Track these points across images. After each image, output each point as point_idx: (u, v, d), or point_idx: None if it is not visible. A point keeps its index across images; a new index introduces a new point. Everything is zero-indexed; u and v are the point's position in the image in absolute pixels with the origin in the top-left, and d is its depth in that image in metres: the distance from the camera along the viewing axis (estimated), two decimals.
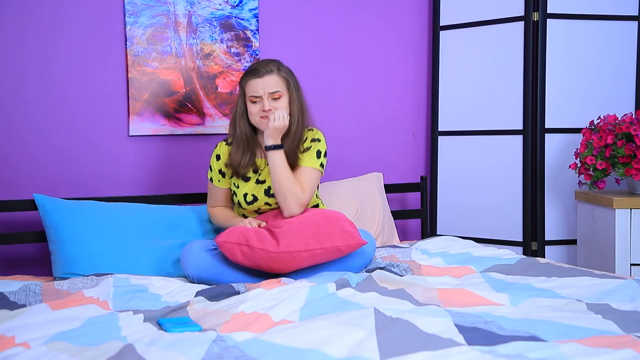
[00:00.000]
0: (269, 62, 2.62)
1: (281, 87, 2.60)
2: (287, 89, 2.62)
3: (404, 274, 2.44)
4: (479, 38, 3.40)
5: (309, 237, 2.33)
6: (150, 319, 1.88)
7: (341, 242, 2.34)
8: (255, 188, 2.67)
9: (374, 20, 3.49)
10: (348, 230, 2.38)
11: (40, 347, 1.60)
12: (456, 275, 2.42)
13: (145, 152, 3.14)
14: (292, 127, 2.61)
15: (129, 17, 3.06)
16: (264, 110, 2.57)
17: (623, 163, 2.89)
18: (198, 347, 1.58)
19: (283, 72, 2.62)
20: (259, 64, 2.63)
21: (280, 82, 2.60)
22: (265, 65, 2.60)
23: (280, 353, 1.56)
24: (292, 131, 2.61)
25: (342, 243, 2.35)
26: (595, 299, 2.04)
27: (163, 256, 2.66)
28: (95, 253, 2.60)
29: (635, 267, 2.85)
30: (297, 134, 2.63)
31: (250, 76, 2.60)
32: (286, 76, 2.63)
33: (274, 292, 2.10)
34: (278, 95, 2.59)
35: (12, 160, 2.96)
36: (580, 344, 1.58)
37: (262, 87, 2.57)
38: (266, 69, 2.58)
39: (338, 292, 2.11)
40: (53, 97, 3.00)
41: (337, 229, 2.37)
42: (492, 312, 1.89)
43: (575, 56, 3.28)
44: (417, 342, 1.61)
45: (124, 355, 1.51)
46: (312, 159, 2.63)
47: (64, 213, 2.67)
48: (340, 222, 2.40)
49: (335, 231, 2.36)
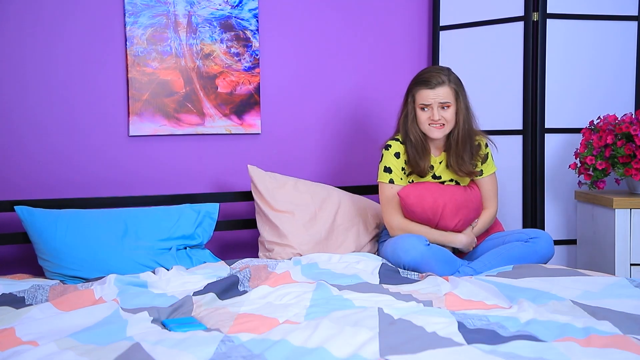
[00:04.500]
0: (440, 72, 2.76)
1: (450, 98, 2.75)
2: (456, 100, 2.77)
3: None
4: (479, 38, 3.40)
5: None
6: (157, 318, 1.88)
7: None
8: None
9: (373, 20, 3.49)
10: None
11: (49, 345, 1.60)
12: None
13: (145, 152, 3.14)
14: (459, 136, 2.78)
15: (129, 17, 3.06)
16: (432, 119, 2.73)
17: (623, 163, 2.89)
18: (206, 346, 1.58)
19: (453, 84, 2.76)
20: (430, 74, 2.76)
21: (450, 93, 2.75)
22: (436, 76, 2.74)
23: (286, 352, 1.56)
24: (462, 140, 2.79)
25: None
26: (591, 299, 2.05)
27: (163, 256, 2.66)
28: (87, 259, 2.61)
29: (635, 267, 2.85)
30: (465, 141, 2.80)
31: (423, 86, 2.74)
32: (455, 87, 2.77)
33: (280, 293, 2.10)
34: (447, 105, 2.74)
35: (12, 160, 2.95)
36: (579, 344, 1.59)
37: (433, 98, 2.73)
38: (437, 80, 2.73)
39: (342, 293, 2.12)
40: (53, 97, 3.00)
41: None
42: (493, 314, 1.90)
43: (575, 56, 3.29)
44: (421, 342, 1.62)
45: (132, 354, 1.52)
46: (491, 165, 2.91)
47: (45, 224, 2.65)
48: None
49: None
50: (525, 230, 2.80)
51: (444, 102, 2.74)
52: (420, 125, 2.79)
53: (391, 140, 2.87)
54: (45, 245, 2.62)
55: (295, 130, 3.37)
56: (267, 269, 2.47)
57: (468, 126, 2.81)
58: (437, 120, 2.74)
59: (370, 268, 2.54)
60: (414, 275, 2.50)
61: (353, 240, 2.96)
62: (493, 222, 2.95)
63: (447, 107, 2.75)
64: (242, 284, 2.28)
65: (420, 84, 2.76)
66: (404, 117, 2.82)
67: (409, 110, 2.80)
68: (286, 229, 2.89)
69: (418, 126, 2.79)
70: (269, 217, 2.93)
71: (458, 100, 2.78)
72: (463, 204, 2.78)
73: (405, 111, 2.82)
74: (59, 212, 2.72)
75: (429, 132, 2.78)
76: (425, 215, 2.74)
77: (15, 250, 2.97)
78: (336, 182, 3.39)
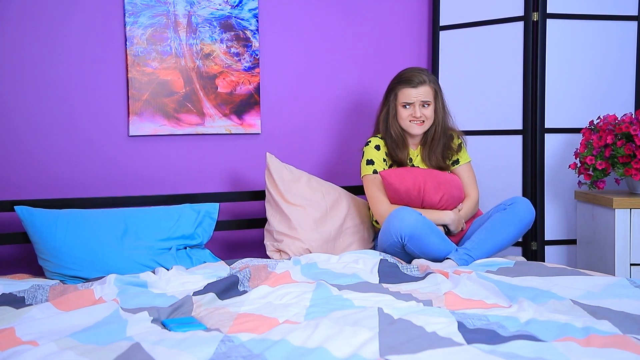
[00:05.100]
0: (421, 72, 2.95)
1: (430, 97, 2.94)
2: (435, 98, 2.96)
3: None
4: (479, 38, 3.40)
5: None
6: (157, 318, 1.88)
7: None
8: None
9: (373, 20, 3.49)
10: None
11: (49, 345, 1.60)
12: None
13: (145, 152, 3.14)
14: (435, 132, 2.97)
15: (129, 17, 3.06)
16: (414, 116, 2.92)
17: (623, 163, 2.89)
18: (206, 346, 1.58)
19: (432, 83, 2.96)
20: (411, 73, 2.95)
21: (430, 92, 2.94)
22: (418, 76, 2.93)
23: (286, 352, 1.56)
24: (437, 136, 2.98)
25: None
26: (591, 299, 2.05)
27: (163, 256, 2.66)
28: (87, 259, 2.61)
29: (635, 267, 2.85)
30: (439, 137, 2.98)
31: (406, 85, 2.93)
32: (435, 87, 2.96)
33: (280, 292, 2.10)
34: (428, 103, 2.93)
35: (12, 160, 2.95)
36: (578, 343, 1.59)
37: (416, 96, 2.91)
38: (419, 79, 2.92)
39: (342, 293, 2.12)
40: (53, 97, 3.00)
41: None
42: (493, 313, 1.90)
43: (575, 56, 3.29)
44: (421, 341, 1.62)
45: (132, 354, 1.52)
46: (466, 155, 3.07)
47: (45, 224, 2.66)
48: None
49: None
50: (504, 201, 2.88)
51: (425, 100, 2.92)
52: (400, 122, 2.96)
53: (370, 138, 3.02)
54: (45, 245, 2.62)
55: (295, 130, 3.38)
56: (266, 268, 2.47)
57: (444, 123, 2.99)
58: (418, 117, 2.92)
59: (369, 266, 2.54)
60: (414, 271, 2.50)
61: (358, 245, 3.01)
62: (476, 209, 3.03)
63: (428, 105, 2.93)
64: (242, 283, 2.28)
65: (403, 82, 2.93)
66: (385, 114, 2.99)
67: (390, 108, 2.97)
68: (297, 222, 2.92)
69: (398, 122, 2.96)
70: (282, 207, 2.96)
71: (437, 99, 2.96)
72: (442, 180, 2.89)
73: (385, 108, 2.99)
74: (59, 212, 2.72)
75: (409, 129, 2.95)
76: (410, 194, 2.83)
77: (15, 250, 2.97)
78: (336, 181, 3.39)
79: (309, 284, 2.28)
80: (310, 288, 2.19)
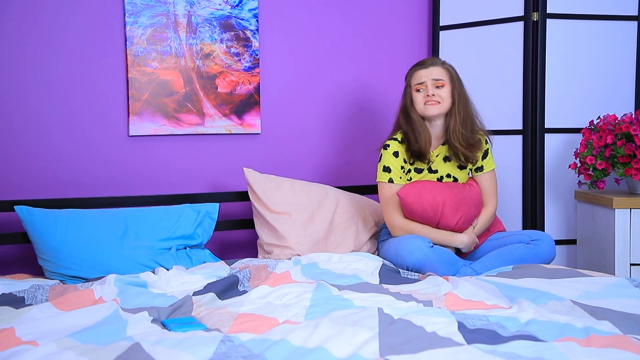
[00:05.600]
0: (434, 57, 2.91)
1: (444, 77, 2.80)
2: (450, 80, 2.81)
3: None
4: (479, 38, 3.40)
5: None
6: (157, 318, 1.88)
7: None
8: (428, 177, 2.86)
9: (373, 20, 3.49)
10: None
11: (49, 345, 1.60)
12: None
13: (145, 152, 3.14)
14: (455, 122, 2.78)
15: (129, 17, 3.06)
16: (427, 95, 2.78)
17: (623, 163, 2.89)
18: (206, 346, 1.58)
19: (447, 65, 2.85)
20: (424, 59, 2.89)
21: (443, 72, 2.81)
22: (430, 59, 2.86)
23: (286, 352, 1.56)
24: (457, 126, 2.78)
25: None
26: (591, 299, 2.05)
27: (162, 256, 2.66)
28: (87, 259, 2.60)
29: (635, 267, 2.85)
30: (465, 126, 2.80)
31: (417, 67, 2.84)
32: (450, 69, 2.84)
33: (280, 292, 2.10)
34: (441, 83, 2.79)
35: (12, 160, 2.95)
36: (579, 344, 1.59)
37: (427, 75, 2.80)
38: (432, 62, 2.83)
39: (342, 293, 2.12)
40: (53, 97, 3.00)
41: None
42: (493, 314, 1.90)
43: (575, 56, 3.29)
44: (421, 342, 1.62)
45: (132, 354, 1.52)
46: (491, 162, 2.93)
47: (45, 224, 2.65)
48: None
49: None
50: (527, 231, 2.80)
51: (437, 79, 2.79)
52: (417, 106, 2.82)
53: (389, 140, 2.87)
54: (45, 245, 2.62)
55: (295, 130, 3.38)
56: (267, 268, 2.47)
57: (466, 113, 2.82)
58: (431, 95, 2.77)
59: (370, 268, 2.54)
60: (414, 275, 2.51)
61: (352, 239, 2.95)
62: (493, 219, 2.95)
63: (442, 85, 2.79)
64: (242, 283, 2.28)
65: (415, 66, 2.87)
66: (403, 105, 2.86)
67: (407, 99, 2.85)
68: (284, 230, 2.89)
69: (415, 109, 2.82)
70: (267, 219, 2.93)
71: (453, 82, 2.82)
72: (463, 200, 2.78)
73: (403, 101, 2.87)
74: (59, 212, 2.72)
75: (425, 111, 2.80)
76: (426, 215, 2.73)
77: (15, 250, 2.97)
78: (336, 181, 3.39)
79: (309, 284, 2.28)
80: (310, 288, 2.19)
